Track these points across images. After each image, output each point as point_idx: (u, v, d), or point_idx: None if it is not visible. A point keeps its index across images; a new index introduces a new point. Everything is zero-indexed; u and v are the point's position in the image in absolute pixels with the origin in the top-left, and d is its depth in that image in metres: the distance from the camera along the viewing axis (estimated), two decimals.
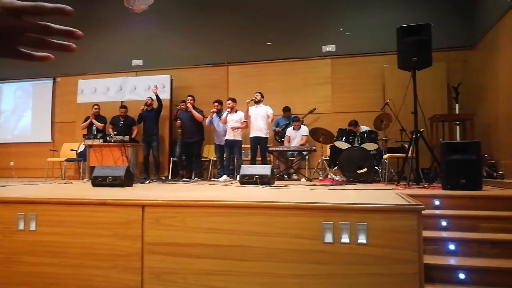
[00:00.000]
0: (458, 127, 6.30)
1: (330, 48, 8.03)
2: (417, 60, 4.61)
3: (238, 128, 6.89)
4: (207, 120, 7.27)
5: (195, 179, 7.14)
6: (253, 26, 8.37)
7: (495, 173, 5.35)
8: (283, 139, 7.41)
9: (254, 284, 2.31)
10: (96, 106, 7.87)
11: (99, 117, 7.87)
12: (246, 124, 6.96)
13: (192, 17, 8.75)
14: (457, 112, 6.34)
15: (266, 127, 6.93)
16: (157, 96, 7.46)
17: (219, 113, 7.22)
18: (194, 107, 7.36)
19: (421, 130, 4.70)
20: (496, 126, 5.97)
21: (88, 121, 7.80)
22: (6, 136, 9.72)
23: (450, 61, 7.24)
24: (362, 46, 7.76)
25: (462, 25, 7.25)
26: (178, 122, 7.50)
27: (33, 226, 2.67)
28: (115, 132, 7.34)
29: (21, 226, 2.68)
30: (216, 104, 7.25)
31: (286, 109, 7.66)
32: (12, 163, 9.57)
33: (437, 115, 6.27)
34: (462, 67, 7.26)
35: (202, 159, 7.80)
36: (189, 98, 7.38)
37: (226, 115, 6.96)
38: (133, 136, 7.51)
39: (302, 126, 7.28)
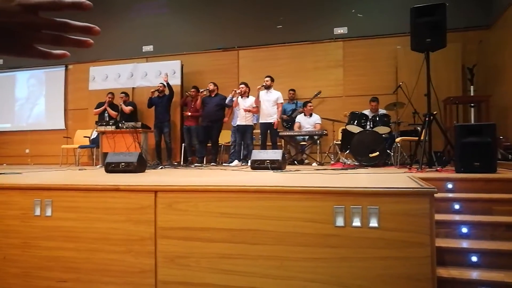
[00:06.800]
0: (473, 110, 6.17)
1: (342, 31, 7.90)
2: (431, 41, 4.52)
3: (250, 111, 6.85)
4: (228, 99, 7.11)
5: (212, 164, 7.12)
6: (263, 10, 8.26)
7: (510, 156, 5.25)
8: (290, 124, 7.34)
9: (266, 267, 2.33)
10: (110, 95, 7.91)
11: (112, 105, 7.92)
12: (257, 109, 6.92)
13: (201, 1, 8.67)
14: (472, 94, 6.21)
15: (276, 112, 6.89)
16: (168, 84, 7.47)
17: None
18: (217, 94, 7.34)
19: (435, 112, 4.63)
20: None
21: (102, 107, 7.86)
22: (21, 123, 9.89)
23: (465, 42, 7.06)
24: (374, 28, 7.61)
25: (478, 4, 7.04)
26: (199, 103, 7.29)
27: (49, 212, 2.72)
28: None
29: (38, 211, 2.75)
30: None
31: (291, 90, 7.64)
32: (27, 150, 9.76)
33: (451, 97, 6.15)
34: (478, 47, 7.08)
35: None
36: (211, 84, 7.34)
37: (237, 99, 6.93)
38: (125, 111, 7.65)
39: (314, 114, 7.21)
